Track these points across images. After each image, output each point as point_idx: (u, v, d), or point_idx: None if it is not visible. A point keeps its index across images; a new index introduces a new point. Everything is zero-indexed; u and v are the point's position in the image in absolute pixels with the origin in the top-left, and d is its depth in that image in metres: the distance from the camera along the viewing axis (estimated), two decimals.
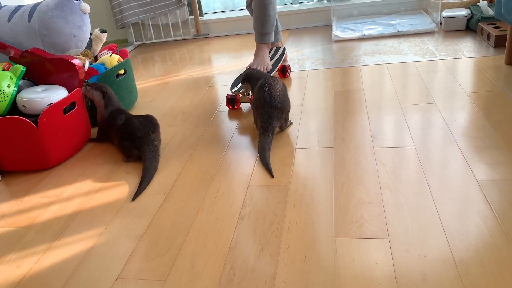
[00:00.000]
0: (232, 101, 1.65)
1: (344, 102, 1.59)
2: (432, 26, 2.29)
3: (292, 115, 1.54)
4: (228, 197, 1.12)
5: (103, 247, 1.00)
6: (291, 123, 1.47)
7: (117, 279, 0.89)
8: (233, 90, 1.65)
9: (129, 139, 1.35)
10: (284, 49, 2.01)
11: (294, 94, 1.74)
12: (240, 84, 1.69)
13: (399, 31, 2.31)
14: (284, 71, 1.92)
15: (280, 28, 2.04)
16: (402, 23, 2.42)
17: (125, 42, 2.97)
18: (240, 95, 1.66)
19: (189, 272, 0.89)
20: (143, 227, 1.05)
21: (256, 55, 1.82)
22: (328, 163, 1.21)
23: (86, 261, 0.96)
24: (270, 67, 1.81)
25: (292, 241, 0.93)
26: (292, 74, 1.97)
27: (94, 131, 1.65)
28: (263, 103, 1.33)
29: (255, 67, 1.79)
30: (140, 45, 2.98)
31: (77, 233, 1.06)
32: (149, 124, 1.38)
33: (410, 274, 0.81)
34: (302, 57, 2.19)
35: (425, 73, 1.76)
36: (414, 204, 0.99)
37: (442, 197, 1.00)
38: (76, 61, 1.46)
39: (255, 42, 1.92)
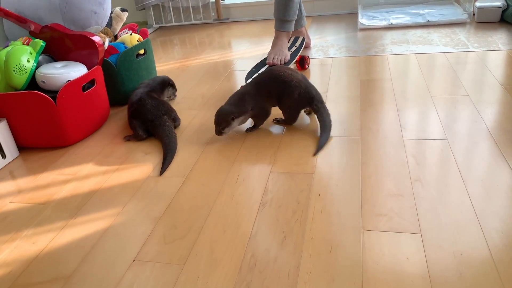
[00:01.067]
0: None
1: (370, 91, 1.53)
2: (464, 16, 2.20)
3: None
4: (249, 183, 1.08)
5: (120, 227, 0.96)
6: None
7: (134, 260, 0.86)
8: (248, 81, 1.59)
9: (139, 120, 1.33)
10: (303, 39, 1.94)
11: (317, 81, 1.68)
12: (257, 74, 1.62)
13: (428, 21, 2.22)
14: (303, 62, 1.81)
15: (304, 13, 1.97)
16: (432, 13, 2.33)
17: (144, 24, 2.93)
18: None
19: (208, 257, 0.85)
20: (161, 209, 1.01)
21: (274, 45, 1.73)
22: (355, 152, 1.16)
23: (102, 240, 0.93)
24: (288, 57, 1.74)
25: (316, 231, 0.88)
26: (315, 61, 1.91)
27: (113, 110, 1.62)
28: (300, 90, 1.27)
29: (272, 57, 1.73)
30: (159, 27, 2.94)
31: (94, 212, 1.03)
32: (161, 107, 1.35)
33: (445, 272, 0.75)
34: (326, 44, 2.12)
35: (456, 64, 1.68)
36: (448, 199, 0.94)
37: (478, 192, 0.94)
38: (96, 38, 1.42)
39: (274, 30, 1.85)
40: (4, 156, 1.29)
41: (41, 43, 1.37)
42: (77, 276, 0.84)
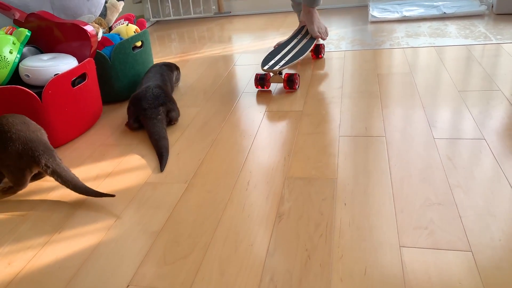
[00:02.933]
0: (262, 80, 1.46)
1: (391, 86, 1.39)
2: (482, 8, 2.06)
3: (332, 99, 1.34)
4: (262, 190, 0.93)
5: (112, 244, 0.82)
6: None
7: (128, 286, 0.72)
8: (265, 68, 1.45)
9: (136, 107, 1.24)
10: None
11: (331, 76, 1.54)
12: (273, 61, 1.49)
13: (444, 12, 2.09)
14: (318, 51, 1.72)
15: None
16: (447, 5, 2.19)
17: (141, 18, 2.78)
18: (272, 74, 1.47)
19: (218, 281, 0.71)
20: (161, 222, 0.87)
21: (312, 21, 1.71)
22: (381, 154, 1.02)
23: (91, 260, 0.78)
24: (325, 27, 1.76)
25: (346, 249, 0.74)
26: (326, 55, 1.77)
27: (106, 108, 1.47)
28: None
29: (317, 30, 1.70)
30: (157, 21, 2.79)
31: (81, 225, 0.89)
32: (161, 97, 1.24)
33: None
34: (336, 37, 1.98)
35: (482, 57, 1.54)
36: (496, 208, 0.80)
37: None
38: (89, 28, 1.27)
39: (301, 9, 1.79)
40: None
41: (26, 32, 1.22)
42: None
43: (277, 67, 1.44)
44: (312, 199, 0.88)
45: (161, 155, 1.10)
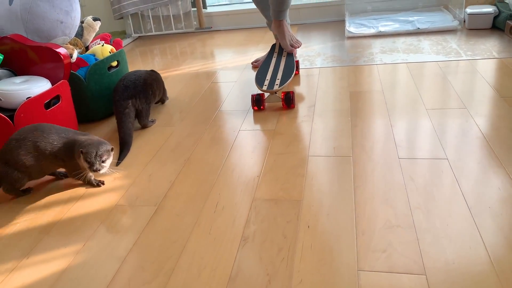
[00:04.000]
0: (258, 101, 1.46)
1: (361, 104, 1.42)
2: (454, 23, 2.12)
3: (303, 117, 1.37)
4: (230, 213, 0.95)
5: (78, 269, 0.83)
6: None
7: None
8: (264, 88, 1.46)
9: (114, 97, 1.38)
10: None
11: (304, 94, 1.57)
12: (267, 80, 1.51)
13: (418, 28, 2.14)
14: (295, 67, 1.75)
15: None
16: (421, 20, 2.24)
17: (123, 33, 2.80)
18: (267, 94, 1.50)
19: None
20: (128, 246, 0.88)
21: (283, 35, 1.72)
22: (347, 175, 1.04)
23: (56, 286, 0.79)
24: (295, 38, 1.75)
25: (306, 273, 0.76)
26: (302, 72, 1.80)
27: (82, 127, 1.48)
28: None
29: (287, 42, 1.70)
30: (139, 37, 2.81)
31: (50, 250, 0.89)
32: (132, 89, 1.36)
33: None
34: (313, 53, 2.02)
35: (451, 74, 1.59)
36: (453, 231, 0.83)
37: (487, 223, 0.84)
38: (61, 50, 1.29)
39: (270, 23, 1.83)
40: None
41: None
42: None
43: (276, 87, 1.45)
44: (278, 222, 0.90)
45: (121, 151, 1.26)
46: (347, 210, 0.92)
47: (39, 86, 1.23)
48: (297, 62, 1.75)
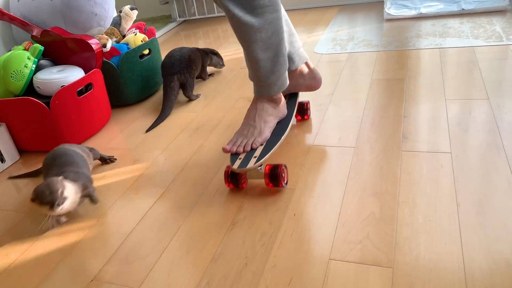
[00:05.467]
0: (234, 178, 1.02)
1: (380, 92, 1.40)
2: (504, 3, 1.97)
3: (319, 106, 1.39)
4: (226, 198, 1.02)
5: (90, 241, 0.95)
6: None
7: (91, 281, 0.84)
8: (236, 168, 0.98)
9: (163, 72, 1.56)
10: (297, 94, 1.27)
11: (325, 81, 1.57)
12: (243, 154, 1.02)
13: (463, 9, 2.01)
14: (303, 111, 1.29)
15: (298, 43, 1.21)
16: (468, 0, 2.11)
17: (169, 18, 2.92)
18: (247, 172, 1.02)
19: (163, 282, 0.81)
20: (132, 225, 0.98)
21: (246, 116, 1.11)
22: (344, 166, 1.06)
23: (70, 255, 0.92)
24: (265, 136, 1.06)
25: (280, 259, 0.82)
26: (329, 58, 1.79)
27: (116, 111, 1.61)
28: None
29: (235, 140, 1.06)
30: (184, 21, 2.91)
31: (68, 225, 1.02)
32: (178, 65, 1.51)
33: None
34: (346, 37, 1.99)
35: (484, 60, 1.50)
36: (433, 227, 0.83)
37: (471, 221, 0.83)
38: (93, 41, 1.41)
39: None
40: (3, 161, 1.32)
41: (39, 48, 1.38)
42: None
43: (250, 165, 0.97)
44: (267, 209, 0.96)
45: (156, 121, 1.43)
46: (335, 200, 0.94)
47: (73, 75, 1.37)
48: (307, 104, 1.29)
